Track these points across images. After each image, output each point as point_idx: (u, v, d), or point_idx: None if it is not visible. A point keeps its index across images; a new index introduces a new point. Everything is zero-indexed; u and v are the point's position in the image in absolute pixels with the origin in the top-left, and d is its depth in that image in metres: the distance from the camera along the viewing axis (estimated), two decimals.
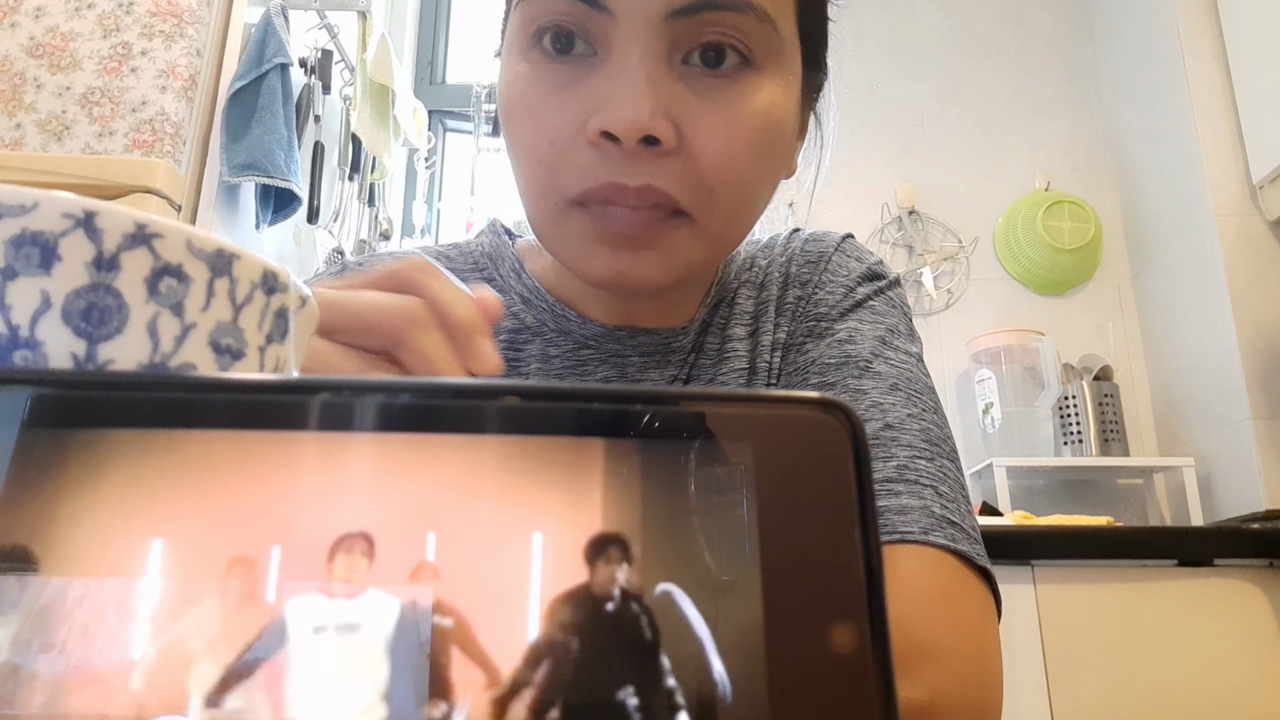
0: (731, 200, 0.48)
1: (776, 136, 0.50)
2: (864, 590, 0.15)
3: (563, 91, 0.47)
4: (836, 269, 0.61)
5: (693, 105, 0.47)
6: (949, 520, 0.47)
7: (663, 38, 0.46)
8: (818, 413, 0.16)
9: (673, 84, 0.46)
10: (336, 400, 0.16)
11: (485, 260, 0.62)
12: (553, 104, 0.47)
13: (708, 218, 0.48)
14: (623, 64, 0.46)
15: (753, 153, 0.48)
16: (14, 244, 0.19)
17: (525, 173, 0.50)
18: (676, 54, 0.47)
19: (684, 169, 0.47)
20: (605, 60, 0.47)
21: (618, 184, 0.46)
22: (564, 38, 0.47)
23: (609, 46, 0.46)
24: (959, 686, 0.43)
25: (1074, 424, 2.09)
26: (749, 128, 0.48)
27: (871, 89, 2.45)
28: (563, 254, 0.50)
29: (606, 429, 0.16)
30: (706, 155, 0.47)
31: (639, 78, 0.45)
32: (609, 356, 0.58)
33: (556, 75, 0.48)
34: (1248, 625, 1.47)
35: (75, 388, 0.16)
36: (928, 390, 0.55)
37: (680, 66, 0.47)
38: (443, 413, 0.16)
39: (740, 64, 0.48)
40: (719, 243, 0.51)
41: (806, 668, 0.15)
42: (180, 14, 1.49)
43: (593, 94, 0.46)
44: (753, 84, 0.48)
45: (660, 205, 0.47)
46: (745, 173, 0.48)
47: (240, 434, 0.16)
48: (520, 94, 0.49)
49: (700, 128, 0.46)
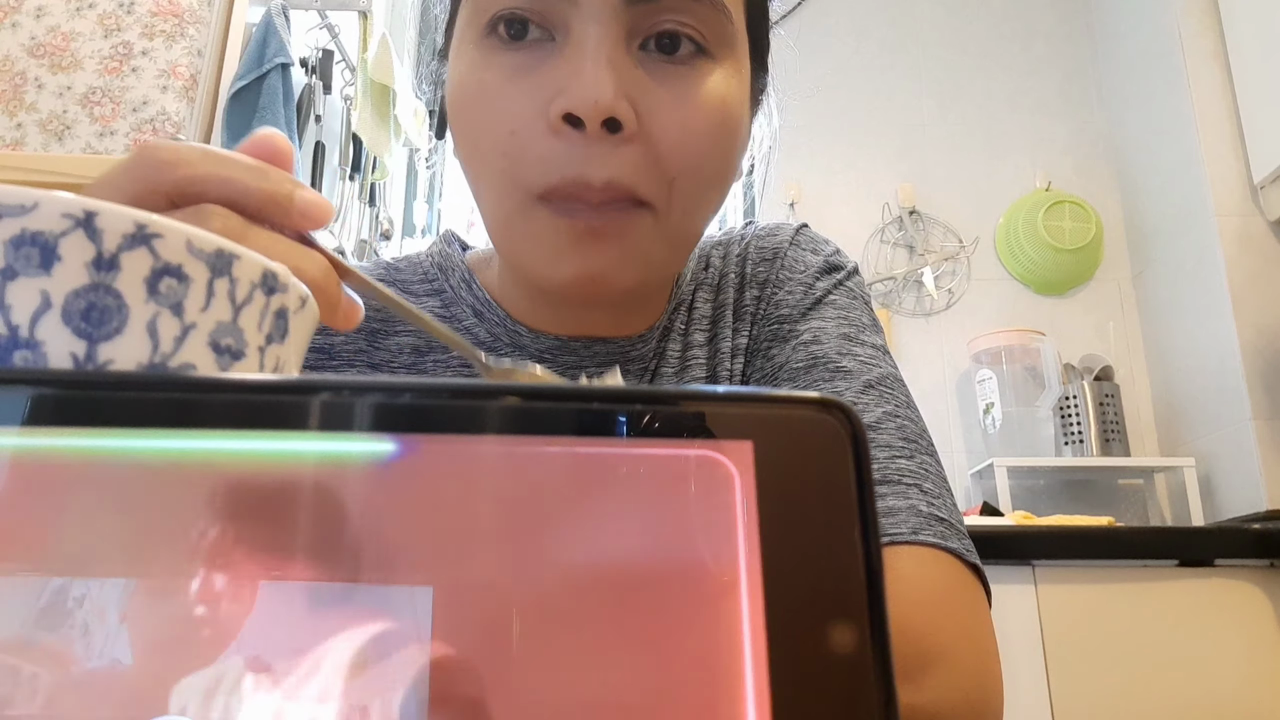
0: (690, 190, 0.48)
1: (732, 127, 0.49)
2: (864, 590, 0.15)
3: (521, 77, 0.46)
4: (793, 265, 0.60)
5: (651, 89, 0.46)
6: (937, 517, 0.47)
7: (621, 22, 0.46)
8: (817, 412, 0.16)
9: (631, 69, 0.46)
10: (336, 400, 0.16)
11: (435, 271, 0.61)
12: (511, 91, 0.46)
13: (668, 209, 0.48)
14: (582, 47, 0.45)
15: (710, 139, 0.48)
16: (14, 244, 0.19)
17: (486, 168, 0.49)
18: (634, 40, 0.47)
19: (644, 156, 0.46)
20: (563, 45, 0.46)
21: (583, 180, 0.45)
22: (518, 24, 0.47)
23: (567, 30, 0.46)
24: (964, 691, 0.43)
25: (1075, 424, 2.09)
26: (706, 113, 0.47)
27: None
28: (528, 255, 0.49)
29: (606, 429, 0.16)
30: (666, 141, 0.46)
31: (600, 59, 0.45)
32: (565, 369, 0.56)
33: (513, 62, 0.47)
34: (1248, 625, 1.47)
35: (75, 388, 0.16)
36: (898, 384, 0.54)
37: (637, 52, 0.47)
38: (443, 412, 0.16)
39: (695, 52, 0.48)
40: (679, 237, 0.50)
41: (806, 668, 0.15)
42: (181, 14, 1.49)
43: (553, 78, 0.46)
44: (707, 71, 0.48)
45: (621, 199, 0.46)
46: (703, 160, 0.48)
47: (240, 434, 0.16)
48: (476, 84, 0.48)
49: (659, 112, 0.46)
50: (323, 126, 1.87)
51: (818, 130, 2.46)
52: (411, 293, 0.60)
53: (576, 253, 0.47)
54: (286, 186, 0.30)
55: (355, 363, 0.56)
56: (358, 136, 1.98)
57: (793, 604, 0.15)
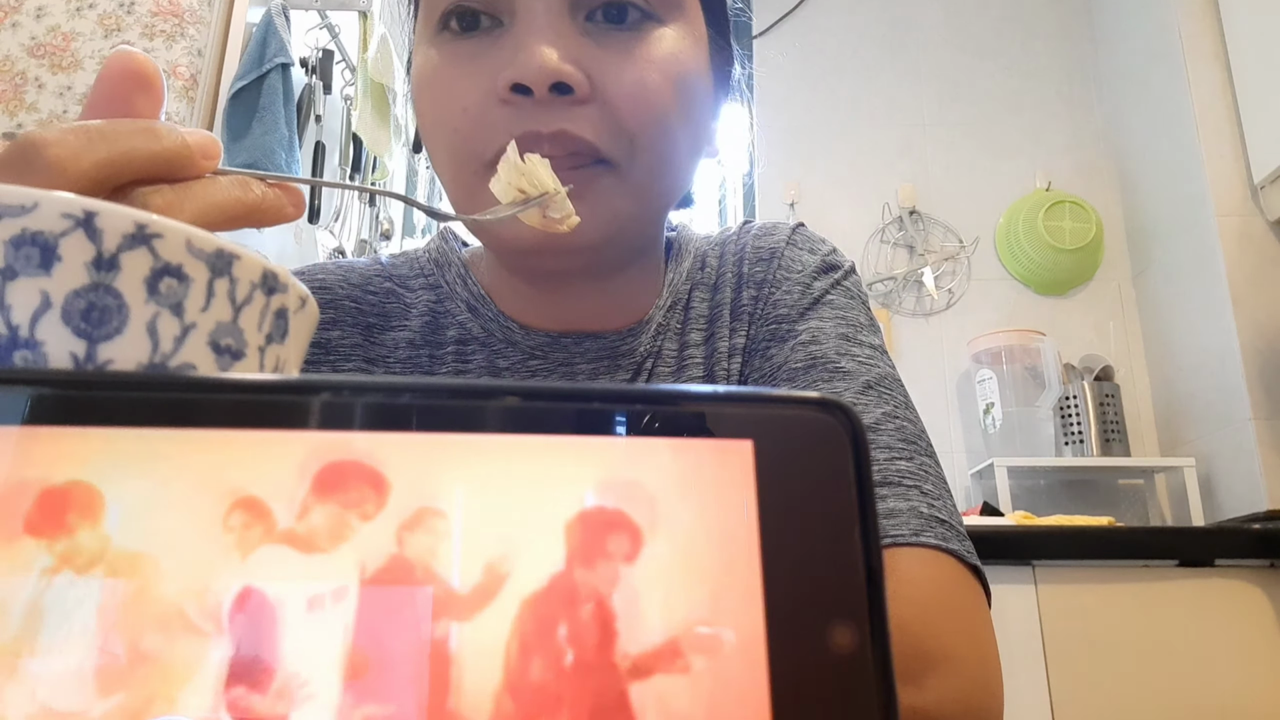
0: (653, 147, 0.48)
1: (690, 84, 0.50)
2: (864, 590, 0.15)
3: (472, 61, 0.48)
4: (790, 265, 0.59)
5: (600, 56, 0.47)
6: (938, 519, 0.47)
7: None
8: (818, 412, 0.16)
9: (579, 38, 0.47)
10: (336, 400, 0.16)
11: (431, 266, 0.61)
12: (464, 75, 0.48)
13: (630, 166, 0.48)
14: (528, 22, 0.47)
15: (668, 95, 0.48)
16: (14, 244, 0.19)
17: (442, 146, 0.49)
18: (579, 13, 0.48)
19: (601, 116, 0.47)
20: (511, 27, 0.48)
21: (532, 131, 0.46)
22: (469, 16, 0.48)
23: (513, 14, 0.47)
24: (965, 692, 0.43)
25: (1075, 424, 2.09)
26: (659, 69, 0.48)
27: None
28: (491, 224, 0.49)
29: (606, 428, 0.16)
30: (621, 98, 0.47)
31: (546, 29, 0.46)
32: (557, 365, 0.56)
33: (465, 50, 0.48)
34: (1248, 625, 1.47)
35: (75, 388, 0.16)
36: (897, 384, 0.54)
37: (584, 23, 0.48)
38: (442, 412, 0.16)
39: (642, 18, 0.49)
40: (646, 195, 0.50)
41: (806, 668, 0.15)
42: (181, 14, 1.49)
43: (501, 56, 0.47)
44: (658, 34, 0.49)
45: (580, 154, 0.47)
46: (664, 117, 0.48)
47: (240, 434, 0.16)
48: (429, 74, 0.49)
49: (612, 73, 0.47)
50: (323, 126, 1.87)
51: (818, 130, 2.46)
52: (407, 287, 0.60)
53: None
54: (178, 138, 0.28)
55: (352, 357, 0.57)
56: (358, 136, 1.98)
57: (793, 604, 0.15)
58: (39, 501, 0.15)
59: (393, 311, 0.59)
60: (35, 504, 0.15)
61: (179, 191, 0.28)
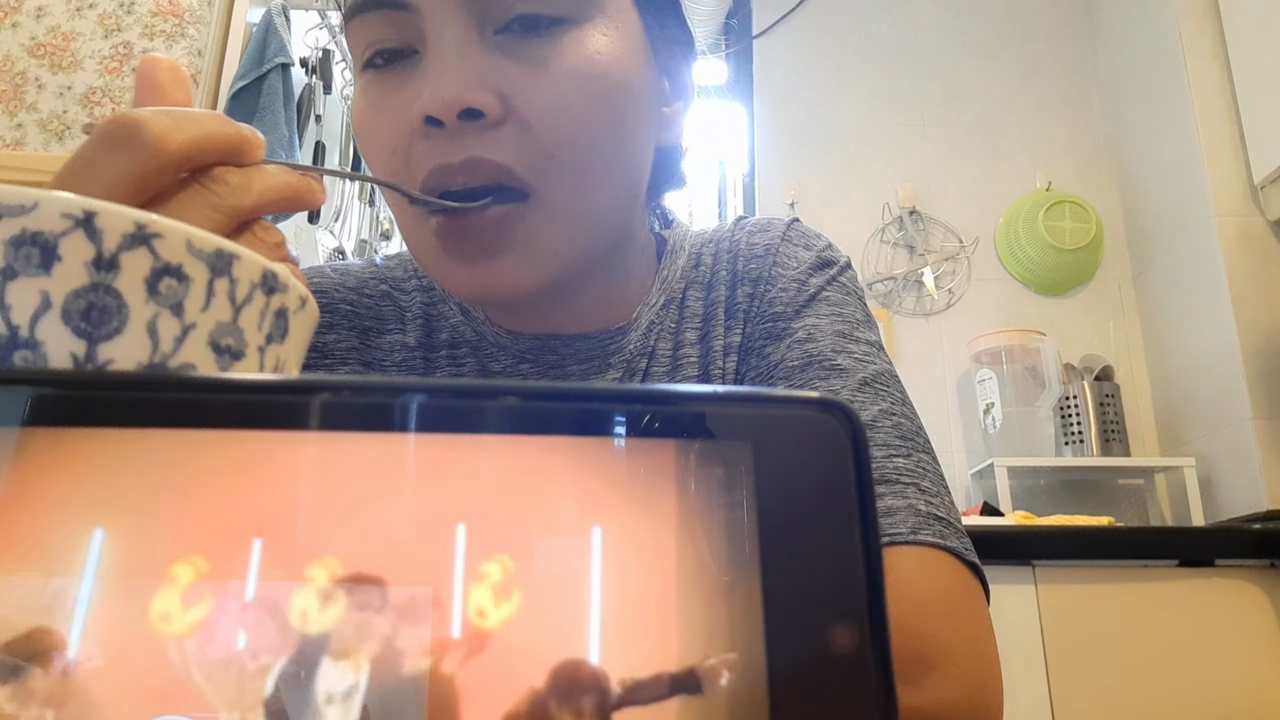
0: (577, 164, 0.46)
1: (613, 87, 0.47)
2: (864, 590, 0.15)
3: (390, 96, 0.47)
4: (786, 262, 0.59)
5: (513, 71, 0.45)
6: (935, 516, 0.47)
7: (467, 16, 0.46)
8: (817, 412, 0.16)
9: (488, 56, 0.46)
10: (336, 400, 0.16)
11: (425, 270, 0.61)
12: (385, 113, 0.47)
13: (553, 189, 0.46)
14: (438, 51, 0.46)
15: (588, 106, 0.46)
16: (14, 244, 0.19)
17: (389, 197, 0.49)
18: (488, 29, 0.46)
19: (517, 138, 0.45)
20: (423, 56, 0.47)
21: (442, 164, 0.45)
22: (388, 52, 0.48)
23: (424, 42, 0.47)
24: (964, 692, 0.43)
25: (1075, 424, 2.09)
26: (577, 79, 0.46)
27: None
28: (431, 271, 0.49)
29: (606, 428, 0.16)
30: (536, 115, 0.45)
31: (449, 55, 0.45)
32: (548, 368, 0.56)
33: (386, 85, 0.48)
34: (1248, 625, 1.47)
35: (75, 388, 0.16)
36: (894, 380, 0.54)
37: (495, 38, 0.46)
38: (442, 412, 0.16)
39: (555, 22, 0.47)
40: (578, 220, 0.48)
41: (806, 668, 0.15)
42: (181, 14, 1.49)
43: (416, 87, 0.46)
44: (573, 38, 0.47)
45: (499, 183, 0.45)
46: (585, 130, 0.46)
47: (240, 434, 0.16)
48: (359, 117, 0.49)
49: (524, 91, 0.45)
50: (323, 126, 1.87)
51: (818, 130, 2.46)
52: (401, 290, 0.60)
53: (466, 270, 0.47)
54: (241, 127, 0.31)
55: (348, 360, 0.57)
56: None
57: (792, 604, 0.15)
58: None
59: (388, 315, 0.59)
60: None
61: (246, 173, 0.31)
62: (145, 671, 0.14)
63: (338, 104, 2.02)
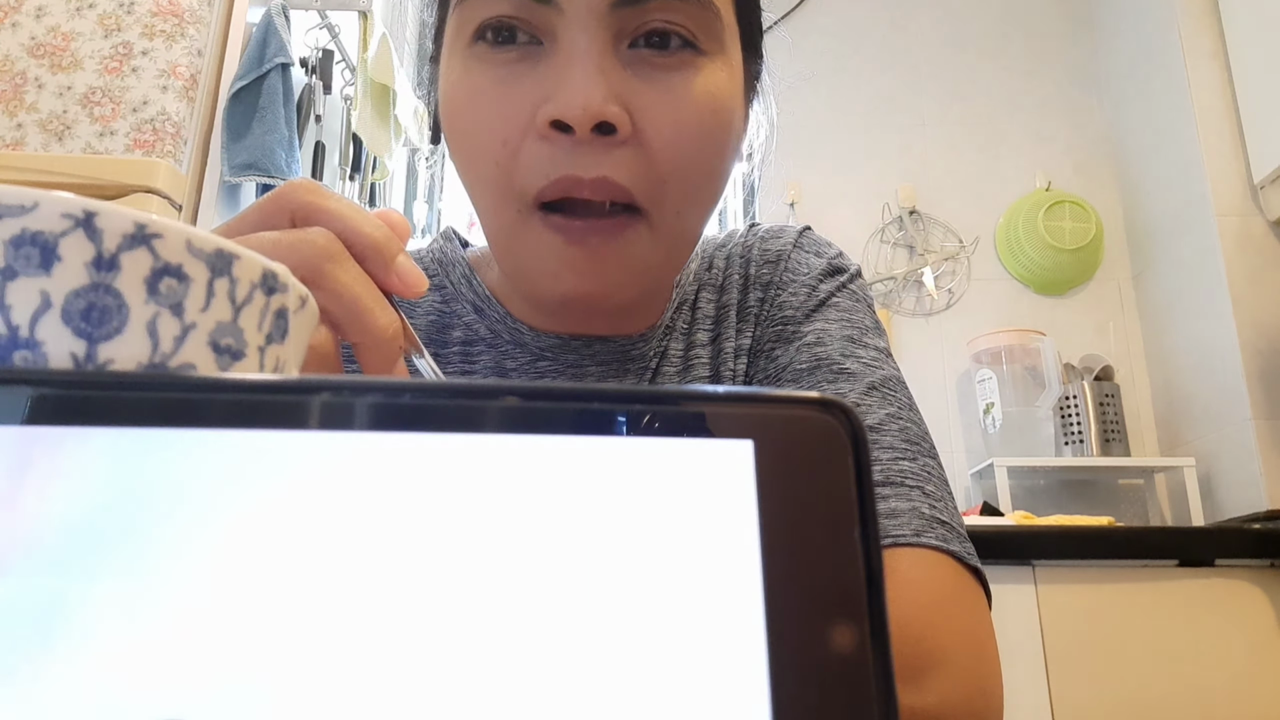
0: (683, 190, 0.48)
1: (724, 121, 0.49)
2: (864, 590, 0.15)
3: (509, 84, 0.46)
4: (797, 267, 0.60)
5: (642, 91, 0.46)
6: (939, 520, 0.47)
7: (607, 26, 0.45)
8: (818, 412, 0.16)
9: (621, 70, 0.46)
10: (336, 400, 0.16)
11: (435, 266, 0.61)
12: (500, 99, 0.46)
13: (661, 211, 0.47)
14: (570, 52, 0.45)
15: (703, 137, 0.47)
16: (14, 244, 0.19)
17: (481, 179, 0.48)
18: (622, 41, 0.46)
19: (636, 158, 0.46)
20: (551, 51, 0.46)
21: (573, 176, 0.45)
22: (505, 30, 0.46)
23: (554, 37, 0.46)
24: (965, 693, 0.43)
25: (1075, 424, 2.09)
26: (697, 111, 0.47)
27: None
28: (527, 269, 0.49)
29: (606, 429, 0.16)
30: (659, 141, 0.46)
31: (589, 64, 0.44)
32: (567, 367, 0.56)
33: (501, 69, 0.46)
34: (1248, 625, 1.47)
35: (75, 388, 0.16)
36: (901, 386, 0.54)
37: (626, 53, 0.46)
38: (442, 412, 0.16)
39: (684, 47, 0.47)
40: (676, 241, 0.50)
41: (806, 668, 0.15)
42: (181, 14, 1.49)
43: (541, 85, 0.45)
44: (697, 68, 0.47)
45: (616, 201, 0.46)
46: (696, 159, 0.47)
47: (240, 434, 0.16)
48: (466, 95, 0.47)
49: (651, 113, 0.46)
50: (323, 126, 1.87)
51: (818, 130, 2.46)
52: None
53: (574, 272, 0.47)
54: (395, 246, 0.33)
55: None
56: (358, 136, 1.98)
57: (793, 604, 0.15)
58: None
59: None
60: None
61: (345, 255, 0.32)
62: (145, 671, 0.14)
63: (337, 104, 2.02)
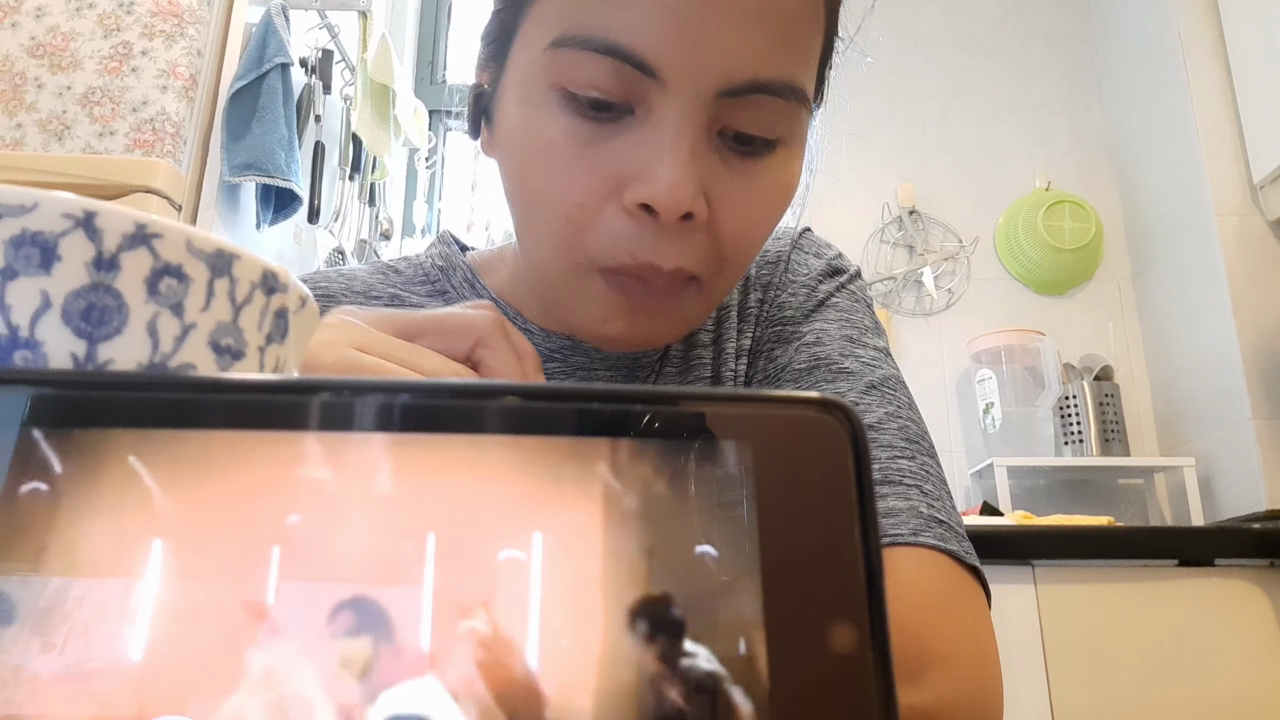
0: (739, 266, 0.49)
1: (788, 202, 0.50)
2: (864, 590, 0.15)
3: (595, 147, 0.44)
4: (796, 268, 0.60)
5: (724, 179, 0.45)
6: (937, 519, 0.48)
7: (707, 111, 0.44)
8: (818, 413, 0.16)
9: (710, 157, 0.45)
10: (336, 400, 0.16)
11: (436, 272, 0.61)
12: (584, 161, 0.45)
13: (715, 281, 0.48)
14: (662, 131, 0.43)
15: (770, 222, 0.49)
16: (14, 244, 0.19)
17: (544, 225, 0.47)
18: (714, 128, 0.45)
19: (706, 241, 0.46)
20: (644, 121, 0.44)
21: (653, 265, 0.45)
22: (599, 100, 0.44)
23: (649, 108, 0.44)
24: (964, 692, 0.43)
25: (1074, 424, 2.09)
26: (771, 204, 0.48)
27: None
28: (575, 310, 0.48)
29: (606, 429, 0.16)
30: (729, 229, 0.46)
31: (683, 150, 0.43)
32: (575, 370, 0.57)
33: (588, 128, 0.45)
34: (1248, 625, 1.47)
35: (75, 388, 0.16)
36: (900, 385, 0.54)
37: (716, 140, 0.46)
38: (443, 413, 0.16)
39: (766, 145, 0.46)
40: (720, 298, 0.51)
41: (806, 668, 0.15)
42: (181, 14, 1.49)
43: (630, 157, 0.44)
44: (778, 162, 0.47)
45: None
46: (758, 243, 0.49)
47: (240, 434, 0.16)
48: (544, 145, 0.45)
49: (728, 204, 0.45)
50: (323, 126, 1.87)
51: (817, 130, 2.45)
52: (413, 293, 0.60)
53: (623, 321, 0.47)
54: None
55: None
56: (358, 136, 1.98)
57: (792, 604, 0.15)
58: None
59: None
60: None
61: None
62: (144, 672, 0.14)
63: (337, 104, 2.02)
